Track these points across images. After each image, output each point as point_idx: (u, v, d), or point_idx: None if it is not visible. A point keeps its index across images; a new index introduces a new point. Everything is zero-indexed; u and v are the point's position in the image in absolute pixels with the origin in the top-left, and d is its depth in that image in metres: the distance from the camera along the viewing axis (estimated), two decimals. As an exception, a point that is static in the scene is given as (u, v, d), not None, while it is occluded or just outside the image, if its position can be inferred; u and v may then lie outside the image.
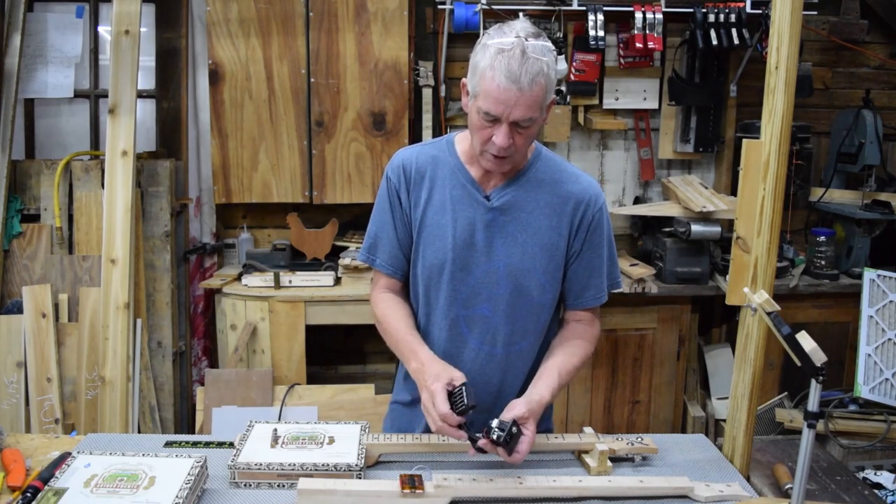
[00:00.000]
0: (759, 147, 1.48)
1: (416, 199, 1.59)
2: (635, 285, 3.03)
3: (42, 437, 1.68)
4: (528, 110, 1.40)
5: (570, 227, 1.57)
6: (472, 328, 1.58)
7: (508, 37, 1.39)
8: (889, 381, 2.50)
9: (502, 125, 1.41)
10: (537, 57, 1.38)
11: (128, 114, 2.73)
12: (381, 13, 3.04)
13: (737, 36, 3.08)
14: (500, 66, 1.37)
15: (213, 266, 3.38)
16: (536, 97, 1.39)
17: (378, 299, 1.66)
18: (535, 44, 1.39)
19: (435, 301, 1.60)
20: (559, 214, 1.57)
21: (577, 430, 1.62)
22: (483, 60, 1.40)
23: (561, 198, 1.57)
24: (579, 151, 3.49)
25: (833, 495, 1.55)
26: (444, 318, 1.59)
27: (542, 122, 1.47)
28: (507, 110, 1.39)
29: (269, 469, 1.43)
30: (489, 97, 1.39)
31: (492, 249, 1.55)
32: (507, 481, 1.41)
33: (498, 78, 1.37)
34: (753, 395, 1.54)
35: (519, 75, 1.36)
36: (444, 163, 1.59)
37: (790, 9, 1.42)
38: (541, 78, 1.38)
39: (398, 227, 1.61)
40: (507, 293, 1.57)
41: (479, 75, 1.41)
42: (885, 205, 3.18)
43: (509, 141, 1.42)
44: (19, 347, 2.86)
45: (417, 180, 1.59)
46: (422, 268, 1.59)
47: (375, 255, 1.64)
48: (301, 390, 2.95)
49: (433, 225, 1.57)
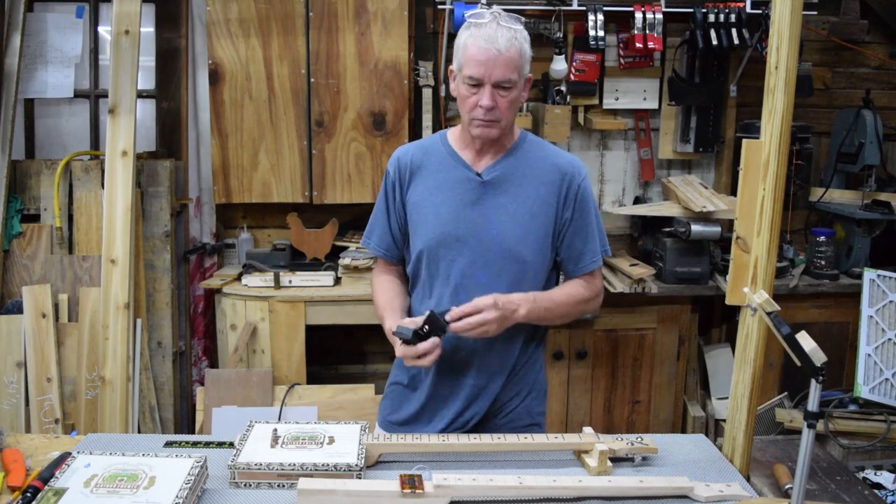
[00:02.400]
0: (758, 147, 1.48)
1: (412, 186, 1.75)
2: (635, 285, 3.03)
3: (42, 437, 1.68)
4: (507, 71, 1.58)
5: (558, 195, 1.71)
6: (471, 295, 1.65)
7: (483, 16, 1.61)
8: (889, 381, 2.50)
9: (486, 87, 1.59)
10: (510, 26, 1.60)
11: (128, 114, 2.73)
12: (381, 13, 3.04)
13: (737, 36, 3.09)
14: (480, 34, 1.58)
15: (213, 266, 3.38)
16: (513, 59, 1.59)
17: (373, 278, 1.88)
18: (507, 17, 1.61)
19: (435, 273, 1.72)
20: (546, 184, 1.71)
21: (577, 430, 1.62)
22: (464, 35, 1.62)
23: (547, 170, 1.72)
24: (579, 151, 3.49)
25: (833, 495, 1.55)
26: (444, 288, 1.71)
27: (522, 95, 1.67)
28: (488, 71, 1.58)
29: (269, 469, 1.43)
30: (471, 62, 1.59)
31: (485, 220, 1.68)
32: (507, 481, 1.41)
33: (478, 43, 1.58)
34: (753, 395, 1.54)
35: (496, 38, 1.57)
36: (437, 152, 1.76)
37: (790, 9, 1.42)
38: (516, 42, 1.59)
39: (391, 215, 1.78)
40: (502, 260, 1.69)
41: (463, 48, 1.62)
42: (885, 205, 3.18)
43: (493, 102, 1.60)
44: (19, 347, 2.86)
45: (413, 170, 1.75)
46: (421, 244, 1.72)
47: (370, 239, 1.84)
48: (301, 390, 2.95)
49: (428, 205, 1.71)
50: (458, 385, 1.74)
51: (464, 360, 1.72)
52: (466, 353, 1.71)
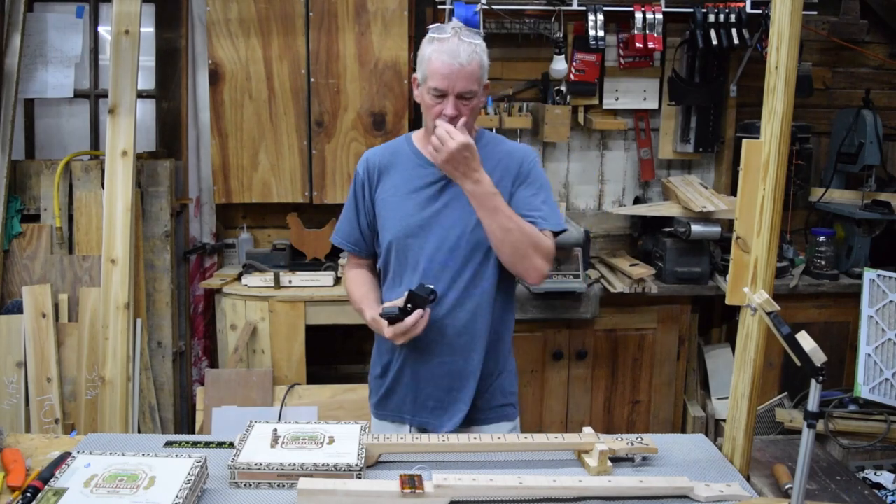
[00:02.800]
0: (758, 147, 1.48)
1: (381, 185, 1.88)
2: (635, 285, 3.03)
3: (42, 437, 1.68)
4: (469, 83, 1.72)
5: (513, 180, 1.84)
6: (440, 279, 1.79)
7: (446, 31, 1.74)
8: (889, 381, 2.50)
9: (450, 98, 1.73)
10: (471, 40, 1.73)
11: (128, 114, 2.73)
12: (381, 13, 3.04)
13: (737, 36, 3.09)
14: (443, 49, 1.71)
15: (213, 266, 3.38)
16: (474, 71, 1.72)
17: (345, 273, 2.03)
18: (468, 32, 1.74)
19: (404, 262, 1.84)
20: (502, 171, 1.83)
21: (577, 430, 1.62)
22: (428, 50, 1.75)
23: (502, 159, 1.86)
24: (579, 151, 3.49)
25: (833, 495, 1.55)
26: (413, 275, 1.82)
27: (481, 101, 1.81)
28: (452, 83, 1.71)
29: (269, 469, 1.43)
30: (436, 75, 1.72)
31: (448, 210, 1.81)
32: (507, 481, 1.41)
33: (442, 57, 1.71)
34: (753, 395, 1.54)
35: (458, 52, 1.70)
36: (402, 153, 1.90)
37: (790, 9, 1.42)
38: (476, 55, 1.72)
39: (360, 213, 1.92)
40: (466, 245, 1.80)
41: (427, 61, 1.74)
42: (885, 205, 3.18)
43: (457, 111, 1.73)
44: (19, 347, 2.86)
45: (381, 170, 1.89)
46: (389, 236, 1.85)
47: (339, 234, 1.98)
48: (301, 390, 2.95)
49: (395, 200, 1.85)
50: (431, 368, 1.84)
51: (435, 341, 1.81)
52: (437, 335, 1.80)
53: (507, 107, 3.31)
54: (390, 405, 1.92)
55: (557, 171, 3.50)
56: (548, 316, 3.01)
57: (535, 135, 3.36)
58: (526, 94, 3.40)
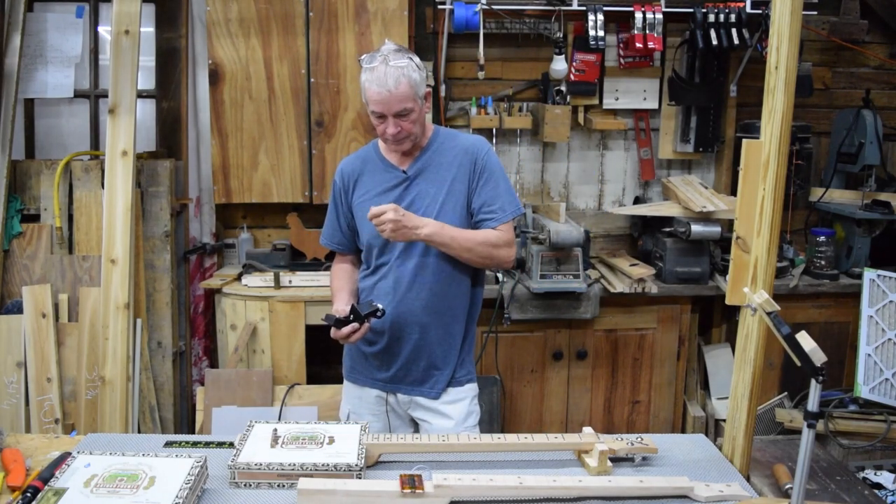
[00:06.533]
0: (758, 147, 1.48)
1: (356, 191, 2.11)
2: (635, 285, 3.03)
3: (42, 437, 1.68)
4: (401, 103, 1.90)
5: (469, 171, 2.02)
6: (417, 271, 2.01)
7: (375, 59, 1.90)
8: (889, 381, 2.50)
9: (389, 119, 1.92)
10: (397, 64, 1.88)
11: (128, 114, 2.73)
12: (381, 13, 3.04)
13: (737, 36, 3.09)
14: (373, 78, 1.89)
15: (213, 266, 3.38)
16: (405, 93, 1.89)
17: (332, 267, 2.25)
18: (395, 56, 1.89)
19: (381, 255, 2.05)
20: (458, 165, 2.03)
21: (577, 430, 1.62)
22: (362, 78, 1.93)
23: (458, 153, 2.04)
24: (579, 151, 3.49)
25: (833, 495, 1.55)
26: (390, 269, 2.04)
27: (423, 109, 1.98)
28: (387, 107, 1.90)
29: (269, 469, 1.43)
30: (372, 101, 1.91)
31: (413, 205, 2.00)
32: (507, 481, 1.42)
33: (373, 86, 1.89)
34: (753, 395, 1.54)
35: (386, 80, 1.87)
36: (371, 160, 2.11)
37: (790, 9, 1.42)
38: (403, 79, 1.88)
39: (339, 216, 2.16)
40: None
41: (364, 89, 1.93)
42: (885, 205, 3.18)
43: (397, 129, 1.93)
44: (19, 347, 2.86)
45: (355, 178, 2.11)
46: (367, 236, 2.06)
47: (324, 236, 2.23)
48: (301, 390, 2.95)
49: (368, 204, 2.00)
50: (399, 341, 2.05)
51: (404, 319, 2.02)
52: (407, 313, 2.02)
53: (507, 107, 3.31)
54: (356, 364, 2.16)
55: (557, 171, 3.50)
56: (548, 316, 3.02)
57: (535, 135, 3.36)
58: (526, 94, 3.41)
